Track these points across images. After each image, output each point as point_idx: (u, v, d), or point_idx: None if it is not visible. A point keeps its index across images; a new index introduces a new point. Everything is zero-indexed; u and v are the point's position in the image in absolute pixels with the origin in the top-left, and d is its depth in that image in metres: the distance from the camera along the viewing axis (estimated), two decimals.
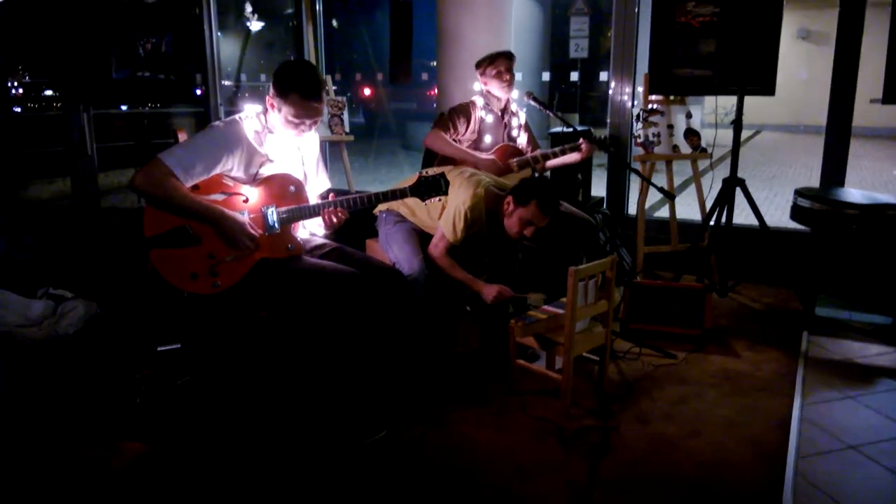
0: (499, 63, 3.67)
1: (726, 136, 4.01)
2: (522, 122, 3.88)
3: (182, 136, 2.93)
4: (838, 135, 4.26)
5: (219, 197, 2.48)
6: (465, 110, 3.67)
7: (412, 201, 3.11)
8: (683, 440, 2.57)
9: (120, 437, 2.28)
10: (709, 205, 4.12)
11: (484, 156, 3.62)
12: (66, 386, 2.73)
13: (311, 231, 2.83)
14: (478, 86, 3.80)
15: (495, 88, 3.68)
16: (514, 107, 3.84)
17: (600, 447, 2.52)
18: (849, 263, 3.98)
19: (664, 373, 3.15)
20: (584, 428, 2.66)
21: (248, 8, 9.41)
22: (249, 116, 2.59)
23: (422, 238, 3.13)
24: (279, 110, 2.53)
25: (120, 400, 2.60)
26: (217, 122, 2.56)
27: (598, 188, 4.95)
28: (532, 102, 3.75)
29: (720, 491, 2.26)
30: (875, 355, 3.34)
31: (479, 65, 3.72)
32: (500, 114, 3.75)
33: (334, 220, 2.59)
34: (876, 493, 2.24)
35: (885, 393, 2.94)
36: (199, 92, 4.29)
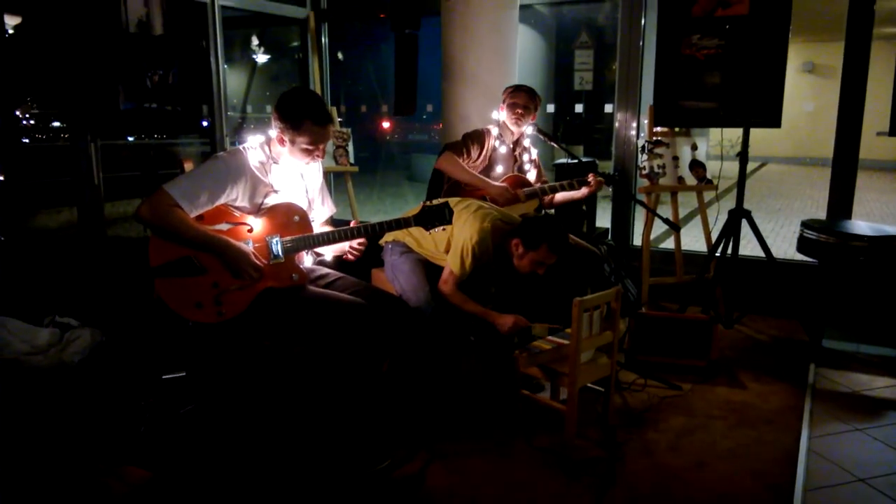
0: (517, 95, 3.71)
1: (732, 167, 4.03)
2: (534, 157, 3.91)
3: (188, 167, 2.96)
4: (845, 166, 4.27)
5: (223, 227, 2.50)
6: (479, 137, 3.70)
7: (417, 232, 3.13)
8: (689, 472, 2.54)
9: (123, 463, 2.27)
10: (714, 236, 4.12)
11: (494, 183, 3.64)
12: (71, 413, 2.73)
13: (331, 254, 2.85)
14: (496, 114, 3.85)
15: (507, 119, 3.72)
16: (526, 142, 3.88)
17: (605, 479, 2.49)
18: (856, 295, 3.96)
19: (670, 404, 3.13)
20: (589, 459, 2.63)
21: (255, 41, 9.57)
22: (254, 147, 2.62)
23: (428, 268, 3.13)
24: (292, 143, 2.56)
25: (124, 427, 2.59)
26: (221, 153, 2.59)
27: (603, 219, 4.97)
28: (537, 134, 3.78)
29: None
30: (883, 387, 3.31)
31: (505, 90, 3.77)
32: (511, 146, 3.78)
33: (355, 255, 2.69)
34: None
35: (893, 426, 2.90)
36: (205, 123, 4.34)
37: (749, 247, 4.12)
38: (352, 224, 2.68)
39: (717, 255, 3.98)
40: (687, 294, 4.14)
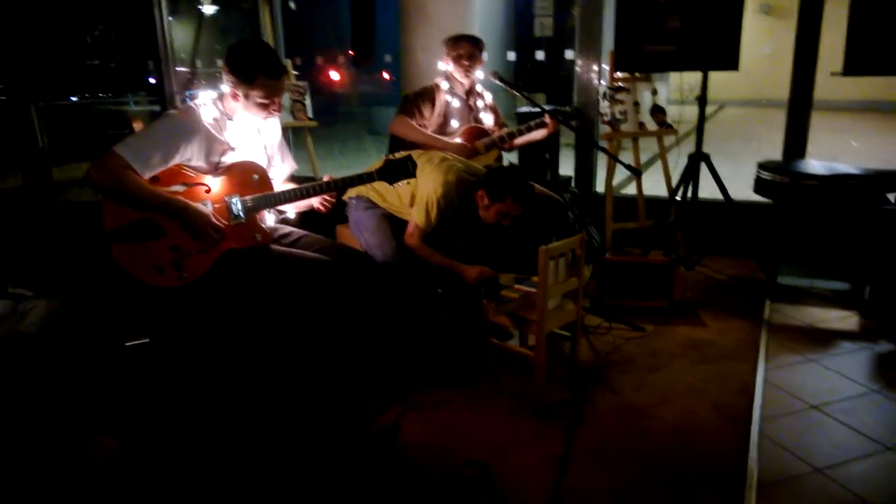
0: (461, 46, 3.63)
1: (691, 111, 4.06)
2: (489, 102, 3.87)
3: (138, 127, 2.88)
4: (800, 107, 4.33)
5: (180, 188, 2.44)
6: (429, 94, 3.64)
7: (381, 186, 3.11)
8: (654, 409, 2.63)
9: (92, 433, 2.25)
10: (675, 180, 4.18)
11: (451, 140, 3.61)
12: (32, 384, 2.69)
13: (294, 212, 2.81)
14: (442, 65, 3.77)
15: (454, 71, 3.66)
16: (479, 88, 3.82)
17: (575, 420, 2.57)
18: (810, 233, 4.07)
19: (634, 345, 3.21)
20: (558, 402, 2.70)
21: None
22: (206, 103, 2.54)
23: (393, 223, 3.12)
24: (246, 97, 2.48)
25: (89, 396, 2.56)
26: (172, 111, 2.50)
27: (566, 167, 4.98)
28: (497, 82, 3.75)
29: (690, 454, 2.33)
30: (834, 320, 3.44)
31: (445, 42, 3.69)
32: (465, 96, 3.73)
33: (327, 206, 2.68)
34: (837, 449, 2.33)
35: (844, 355, 3.04)
36: (152, 80, 4.15)
37: (708, 189, 4.18)
38: (325, 179, 2.63)
39: (678, 198, 4.04)
40: (649, 238, 4.21)
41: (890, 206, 3.80)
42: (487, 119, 3.83)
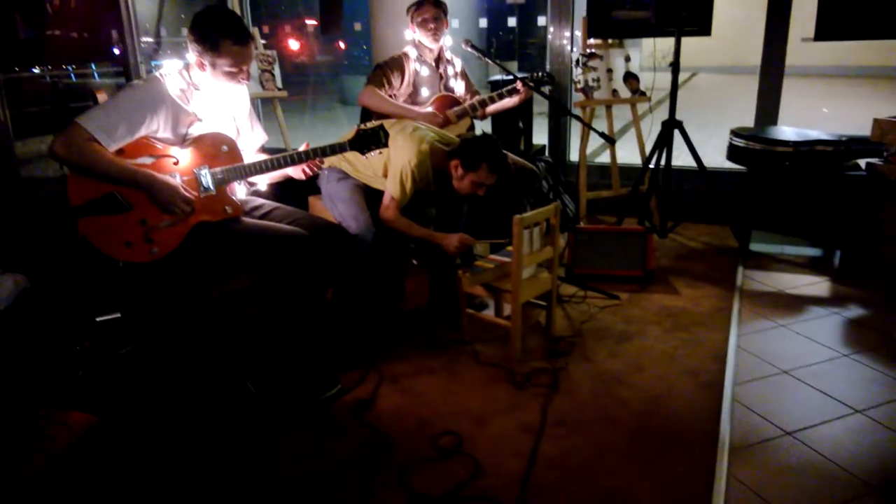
0: (424, 10, 3.55)
1: (664, 78, 4.05)
2: (459, 69, 3.81)
3: (102, 98, 2.79)
4: (772, 74, 4.35)
5: (147, 160, 2.38)
6: (398, 63, 3.57)
7: (353, 156, 3.06)
8: (628, 376, 2.66)
9: (65, 408, 2.22)
10: (648, 148, 4.18)
11: (422, 110, 3.56)
12: (2, 361, 2.64)
13: (266, 184, 2.77)
14: (409, 34, 3.70)
15: (421, 37, 3.59)
16: (448, 55, 3.76)
17: (550, 388, 2.59)
18: (782, 199, 4.12)
19: (609, 314, 3.24)
20: (534, 371, 2.72)
21: None
22: (171, 73, 2.47)
23: (367, 193, 3.08)
24: (213, 66, 2.42)
25: (61, 372, 2.52)
26: (137, 81, 2.43)
27: (540, 136, 4.96)
28: (470, 50, 3.69)
29: (663, 420, 2.36)
30: (805, 285, 3.50)
31: (407, 10, 3.62)
32: (434, 64, 3.68)
33: (306, 173, 2.64)
34: (806, 411, 2.38)
35: (814, 320, 3.09)
36: (116, 50, 4.02)
37: (682, 157, 4.20)
38: (302, 148, 2.58)
39: (652, 166, 4.05)
40: (623, 206, 4.23)
41: (860, 172, 3.85)
42: (458, 87, 3.78)
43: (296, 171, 2.71)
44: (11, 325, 2.58)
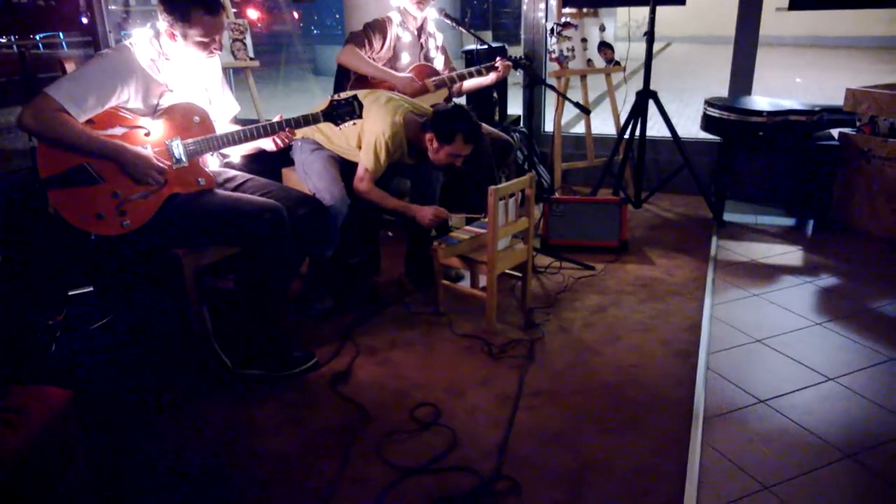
0: None
1: (638, 48, 4.04)
2: (440, 43, 3.77)
3: (70, 68, 2.71)
4: (746, 43, 4.35)
5: (118, 131, 2.32)
6: (381, 26, 3.52)
7: (327, 128, 3.02)
8: (603, 346, 2.69)
9: (38, 383, 2.19)
10: (623, 118, 4.18)
11: (401, 74, 3.52)
12: None
13: (239, 155, 2.73)
14: (394, 1, 3.65)
15: (410, 6, 3.54)
16: (431, 27, 3.72)
17: (526, 358, 2.61)
18: (756, 169, 4.16)
19: (584, 284, 3.26)
20: (510, 342, 2.73)
21: None
22: (141, 42, 2.40)
23: (341, 165, 3.05)
24: (184, 37, 2.36)
25: (33, 348, 2.48)
26: (106, 50, 2.37)
27: (515, 106, 4.94)
28: (445, 20, 3.65)
29: (639, 389, 2.39)
30: (779, 255, 3.55)
31: None
32: (416, 33, 3.63)
33: (278, 145, 2.61)
34: (779, 379, 2.43)
35: (787, 289, 3.14)
36: (84, 20, 3.90)
37: (656, 127, 4.21)
38: (276, 119, 2.54)
39: (626, 136, 4.05)
40: (598, 177, 4.24)
41: (833, 142, 3.90)
42: (438, 60, 3.74)
43: (268, 143, 2.67)
44: None
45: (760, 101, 4.03)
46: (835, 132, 3.95)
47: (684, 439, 2.10)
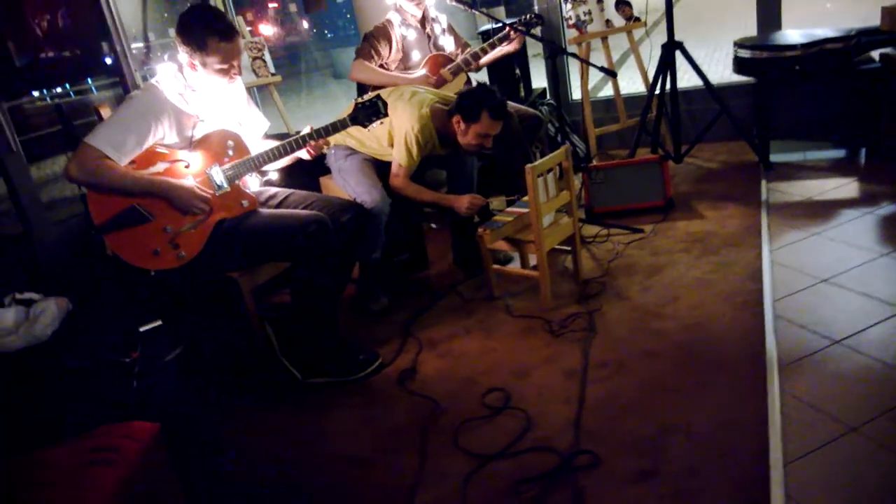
0: None
1: (657, 0, 3.94)
2: (445, 25, 3.74)
3: (105, 113, 2.79)
4: None
5: (159, 168, 2.39)
6: (383, 32, 3.51)
7: (356, 131, 3.05)
8: (664, 308, 2.65)
9: (126, 419, 2.28)
10: (651, 74, 4.09)
11: (415, 74, 3.51)
12: (60, 383, 2.70)
13: (276, 172, 2.78)
14: (389, 0, 3.63)
15: (404, 3, 3.52)
16: (433, 12, 3.69)
17: (588, 331, 2.59)
18: (797, 104, 4.03)
19: (635, 248, 3.21)
20: (569, 317, 2.72)
21: None
22: (167, 78, 2.46)
23: (376, 165, 3.07)
24: (203, 65, 2.41)
25: (116, 387, 2.58)
26: (136, 92, 2.44)
27: (539, 79, 4.88)
28: (455, 4, 3.62)
29: (707, 347, 2.35)
30: (832, 189, 3.43)
31: None
32: (420, 25, 3.61)
33: (312, 154, 2.65)
34: (850, 317, 2.35)
35: (846, 224, 3.04)
36: (108, 60, 3.99)
37: (686, 77, 4.11)
38: (305, 131, 2.58)
39: (657, 92, 3.97)
40: (634, 138, 4.16)
41: (874, 65, 3.74)
42: (447, 43, 3.71)
43: (302, 153, 2.71)
44: (62, 347, 2.64)
45: (792, 34, 3.89)
46: (875, 54, 3.79)
47: (761, 391, 2.06)
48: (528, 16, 3.56)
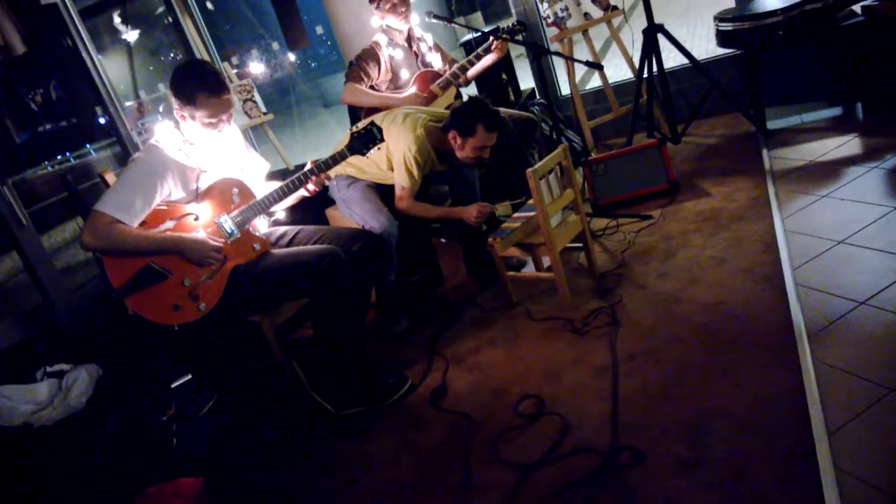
0: None
1: None
2: (431, 43, 3.77)
3: (110, 179, 2.83)
4: None
5: (169, 225, 2.43)
6: (371, 54, 3.55)
7: (355, 159, 3.06)
8: (684, 291, 2.65)
9: (171, 478, 2.30)
10: (636, 59, 4.10)
11: (405, 93, 3.55)
12: (103, 450, 2.73)
13: (276, 215, 2.81)
14: (375, 21, 3.67)
15: (393, 22, 3.56)
16: (418, 32, 3.73)
17: (612, 325, 2.59)
18: (786, 69, 4.02)
19: (646, 235, 3.21)
20: (590, 313, 2.72)
21: (117, 20, 8.86)
22: (165, 136, 2.50)
23: (380, 190, 3.10)
24: (192, 118, 2.45)
25: (157, 446, 2.61)
26: (138, 155, 2.48)
27: (525, 80, 4.90)
28: (433, 21, 3.65)
29: (733, 324, 2.35)
30: (834, 149, 3.41)
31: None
32: (406, 44, 3.64)
33: (313, 190, 2.66)
34: (872, 276, 2.33)
35: (853, 181, 3.02)
36: (102, 120, 4.07)
37: (672, 57, 4.11)
38: (308, 165, 2.61)
39: (645, 76, 3.97)
40: (628, 125, 4.16)
41: (858, 18, 3.73)
42: (435, 60, 3.74)
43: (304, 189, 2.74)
44: (98, 413, 2.68)
45: (771, 0, 3.89)
46: (857, 7, 3.78)
47: (793, 363, 2.05)
48: (510, 24, 3.59)
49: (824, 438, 1.75)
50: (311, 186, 2.69)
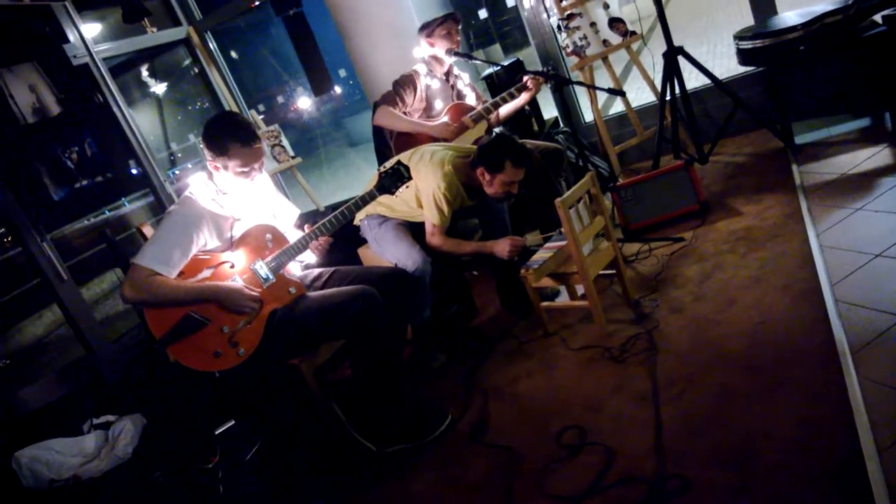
0: (449, 23, 3.65)
1: (646, 6, 3.95)
2: (468, 82, 3.86)
3: (147, 231, 2.91)
4: None
5: (206, 274, 2.49)
6: (409, 80, 3.64)
7: (385, 198, 3.11)
8: (721, 314, 2.61)
9: None
10: (657, 81, 4.11)
11: (435, 122, 3.61)
12: (151, 500, 2.76)
13: (305, 261, 2.85)
14: (418, 52, 3.76)
15: (440, 49, 3.64)
16: (456, 70, 3.82)
17: (650, 351, 2.57)
18: (810, 83, 3.99)
19: (680, 258, 3.19)
20: (628, 340, 2.70)
21: (145, 74, 9.16)
22: (199, 188, 2.58)
23: (411, 227, 3.13)
24: (225, 168, 2.52)
25: (204, 495, 2.63)
26: (174, 207, 2.55)
27: (548, 109, 4.94)
28: (455, 58, 3.72)
29: (773, 344, 2.31)
30: (865, 160, 3.36)
31: (425, 27, 3.68)
32: (444, 77, 3.74)
33: (322, 248, 2.64)
34: None
35: (887, 192, 2.96)
36: (134, 171, 4.21)
37: (694, 77, 4.10)
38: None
39: (668, 98, 3.98)
40: (654, 148, 4.16)
41: (880, 28, 3.70)
42: (469, 97, 3.83)
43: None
44: (144, 462, 2.72)
45: (790, 16, 3.89)
46: (878, 17, 3.76)
47: (838, 381, 2.01)
48: (546, 69, 3.65)
49: (874, 457, 1.70)
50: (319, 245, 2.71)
